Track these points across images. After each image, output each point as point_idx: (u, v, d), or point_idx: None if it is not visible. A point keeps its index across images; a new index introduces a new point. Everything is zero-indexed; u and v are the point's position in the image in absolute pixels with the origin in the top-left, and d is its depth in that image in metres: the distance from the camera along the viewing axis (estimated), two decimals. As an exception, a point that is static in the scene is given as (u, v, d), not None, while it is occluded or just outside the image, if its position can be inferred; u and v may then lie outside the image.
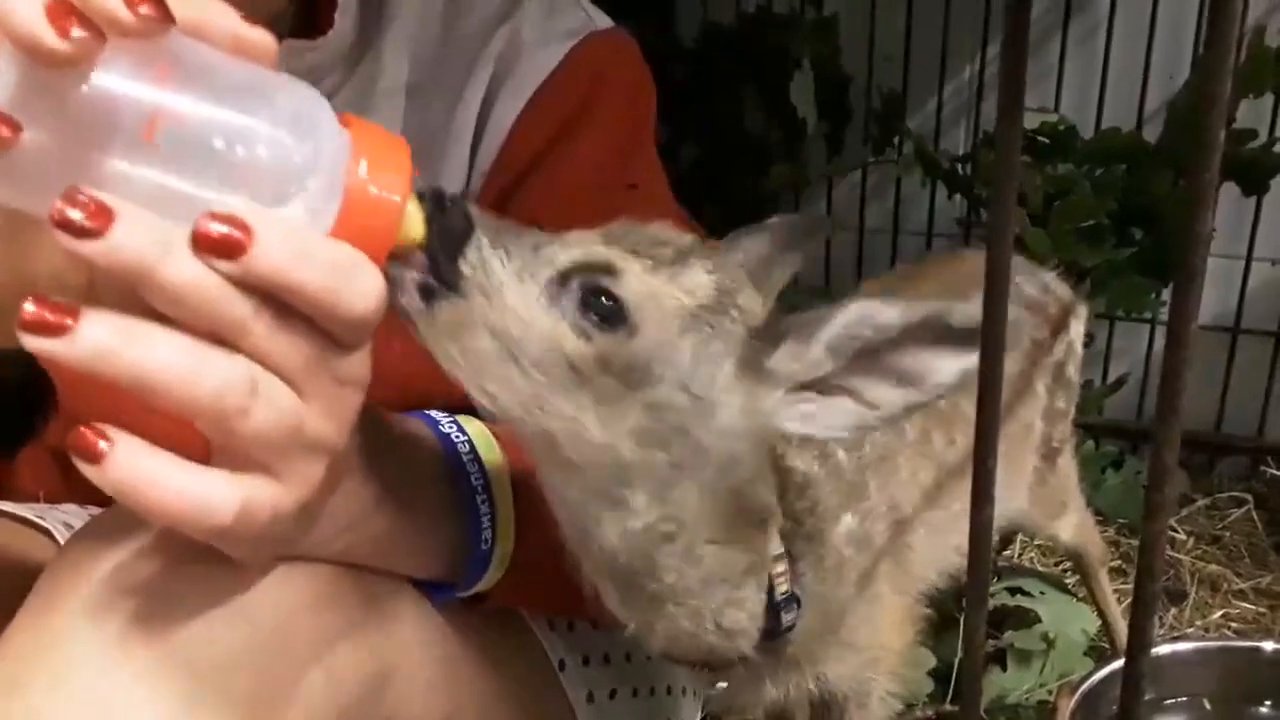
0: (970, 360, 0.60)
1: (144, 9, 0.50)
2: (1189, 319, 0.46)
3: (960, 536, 1.00)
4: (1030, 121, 1.88)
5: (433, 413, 0.83)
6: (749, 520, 0.74)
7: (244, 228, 0.53)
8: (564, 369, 0.64)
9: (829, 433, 0.68)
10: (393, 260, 0.60)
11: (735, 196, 2.20)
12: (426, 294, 0.63)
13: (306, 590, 0.71)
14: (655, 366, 0.65)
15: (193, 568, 0.67)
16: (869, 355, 0.65)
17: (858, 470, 0.88)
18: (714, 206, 2.04)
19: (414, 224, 0.61)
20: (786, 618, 0.78)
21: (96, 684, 0.63)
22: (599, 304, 0.65)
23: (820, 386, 0.67)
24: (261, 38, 0.56)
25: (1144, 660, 0.54)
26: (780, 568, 0.77)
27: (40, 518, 0.93)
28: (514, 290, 0.64)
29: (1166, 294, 2.01)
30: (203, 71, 0.54)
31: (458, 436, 0.81)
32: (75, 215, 0.50)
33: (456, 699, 0.86)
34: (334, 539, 0.71)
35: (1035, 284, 1.27)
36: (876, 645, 0.89)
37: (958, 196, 2.12)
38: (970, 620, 0.57)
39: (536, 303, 0.64)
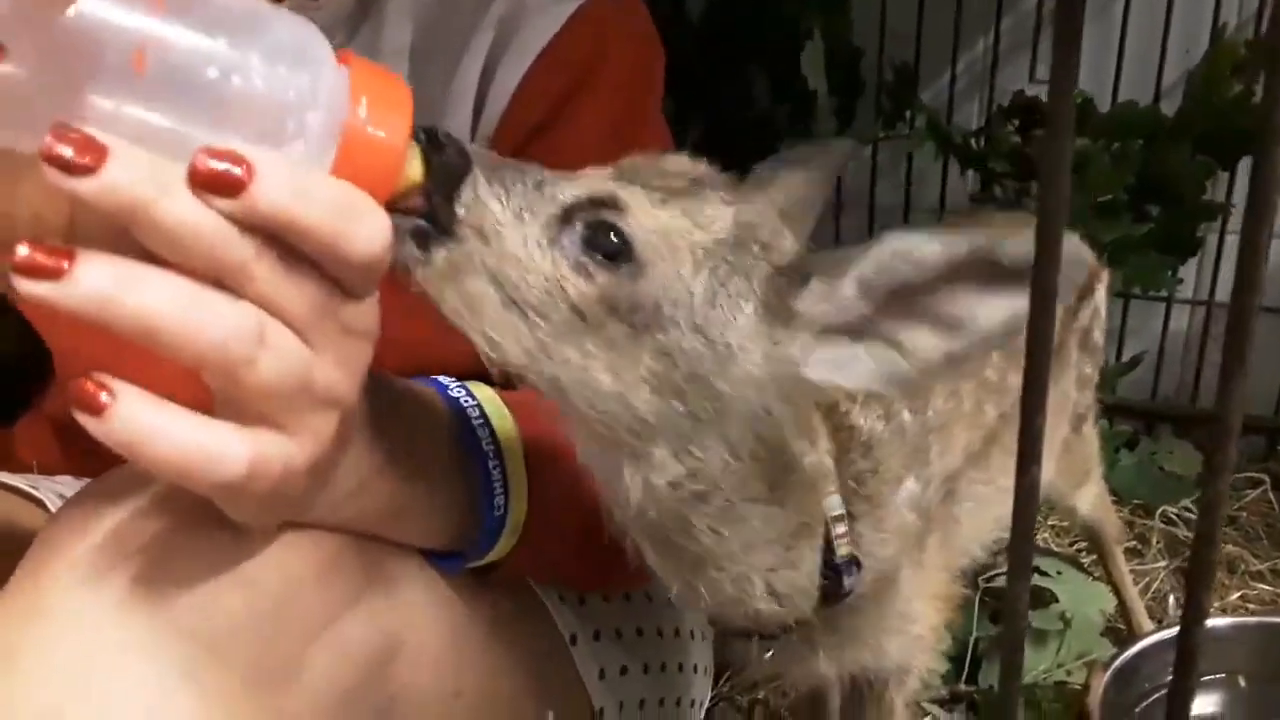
0: (1020, 304, 0.53)
1: None
2: (1259, 254, 0.43)
3: (1001, 508, 0.98)
4: (1046, 95, 1.84)
5: (441, 378, 0.81)
6: (794, 480, 0.69)
7: (243, 164, 0.50)
8: (568, 313, 0.60)
9: (860, 383, 0.61)
10: (388, 207, 0.58)
11: (744, 172, 2.16)
12: (422, 240, 0.60)
13: (311, 560, 0.69)
14: (665, 308, 0.61)
15: (191, 535, 0.64)
16: (906, 296, 0.59)
17: (921, 433, 0.84)
18: (723, 181, 2.01)
19: (413, 167, 0.58)
20: (848, 580, 0.73)
21: (89, 652, 0.61)
22: (603, 241, 0.61)
23: (852, 331, 0.61)
24: None
25: (1198, 632, 0.51)
26: (841, 529, 0.73)
27: (34, 488, 0.91)
28: (512, 231, 0.60)
29: (1183, 271, 1.98)
30: (197, 1, 0.51)
31: (467, 401, 0.79)
32: (66, 151, 0.47)
33: (465, 673, 0.84)
34: (343, 504, 0.68)
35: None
36: (924, 619, 0.86)
37: (971, 172, 2.08)
38: (1014, 588, 0.54)
39: (536, 243, 0.61)
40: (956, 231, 0.57)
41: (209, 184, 0.50)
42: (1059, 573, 1.55)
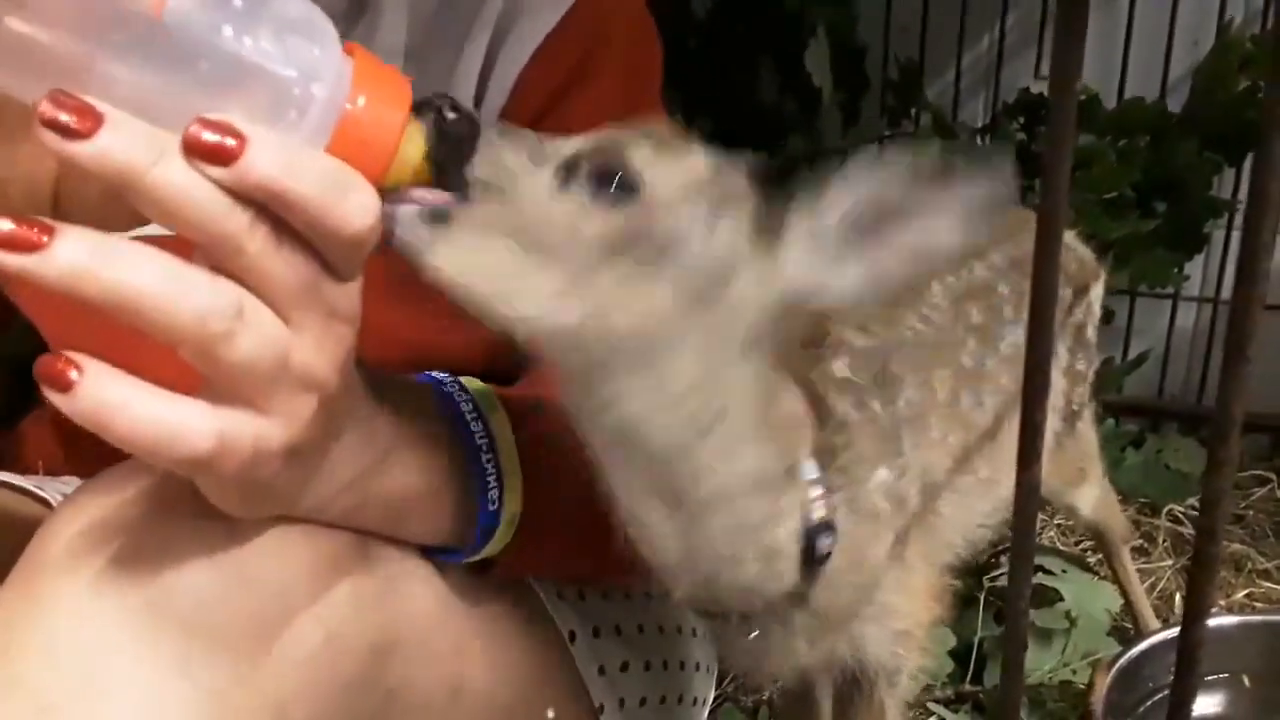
0: (975, 189, 0.64)
1: None
2: (1259, 249, 0.43)
3: (985, 503, 0.98)
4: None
5: (434, 373, 0.81)
6: (779, 415, 0.74)
7: (236, 135, 0.51)
8: (586, 252, 0.63)
9: (847, 289, 0.67)
10: (389, 197, 0.59)
11: (749, 168, 2.15)
12: (434, 218, 0.61)
13: (307, 556, 0.69)
14: (674, 236, 0.65)
15: (187, 530, 0.64)
16: (869, 221, 0.66)
17: (892, 423, 0.86)
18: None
19: (412, 151, 0.59)
20: (823, 542, 0.76)
21: (85, 647, 0.61)
22: (608, 180, 0.64)
23: (832, 250, 0.67)
24: None
25: (1201, 628, 0.51)
26: (815, 492, 0.76)
27: (39, 488, 0.91)
28: (527, 180, 0.63)
29: (1189, 268, 1.97)
30: None
31: (460, 395, 0.78)
32: (62, 116, 0.48)
33: (464, 672, 0.83)
34: (335, 498, 0.68)
35: None
36: (909, 616, 0.86)
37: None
38: (1015, 585, 0.53)
39: (549, 189, 0.64)
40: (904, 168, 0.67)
41: (202, 153, 0.50)
42: (1064, 571, 1.54)
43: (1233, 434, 0.45)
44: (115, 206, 0.54)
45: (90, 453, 0.52)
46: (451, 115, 0.61)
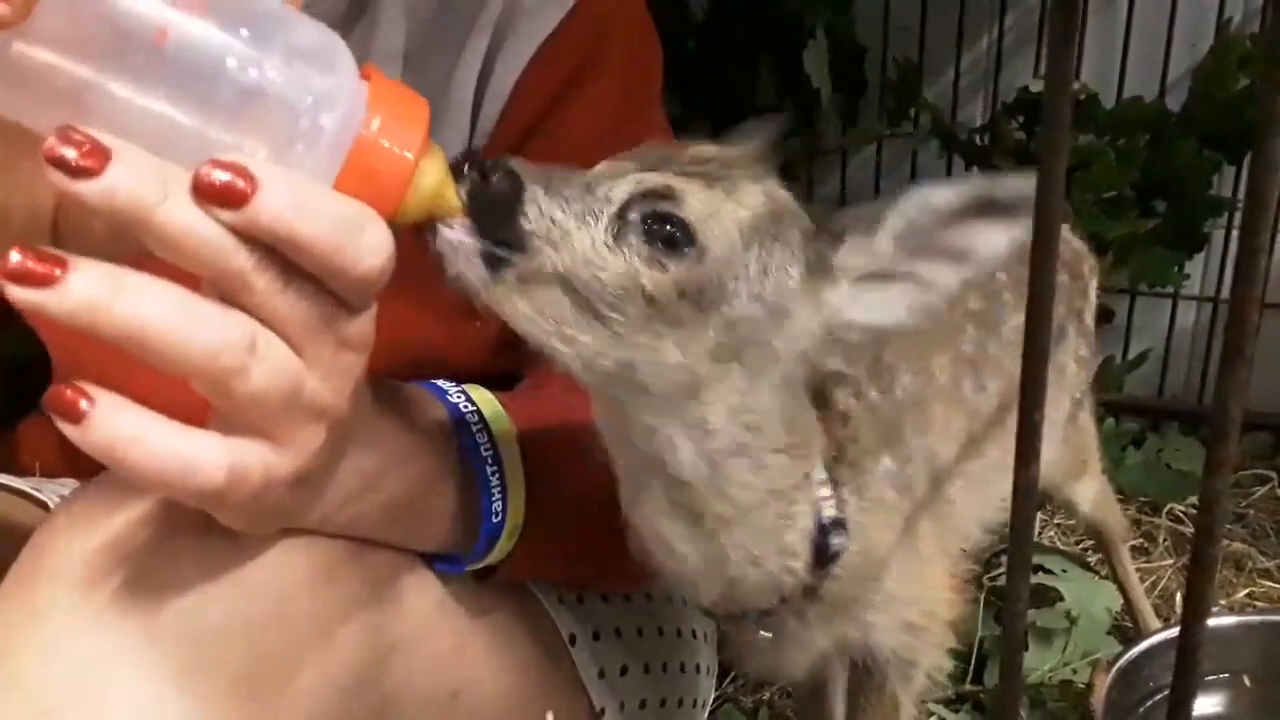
0: (1017, 229, 0.64)
1: None
2: (1257, 250, 0.43)
3: (1000, 486, 0.98)
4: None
5: (439, 382, 0.81)
6: (805, 422, 0.75)
7: (247, 176, 0.50)
8: (640, 304, 0.64)
9: (895, 317, 0.69)
10: (432, 230, 0.59)
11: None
12: (491, 261, 0.62)
13: (305, 566, 0.69)
14: (728, 284, 0.66)
15: (187, 539, 0.64)
16: (924, 238, 0.68)
17: (892, 411, 0.87)
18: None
19: (432, 173, 0.58)
20: (835, 541, 0.77)
21: (83, 656, 0.61)
22: (664, 230, 0.64)
23: (883, 275, 0.69)
24: None
25: (1200, 629, 0.51)
26: (825, 492, 0.77)
27: (37, 490, 0.91)
28: (580, 236, 0.63)
29: (1190, 267, 1.97)
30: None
31: (465, 405, 0.78)
32: (69, 153, 0.48)
33: (463, 675, 0.83)
34: (340, 510, 0.68)
35: None
36: (922, 605, 0.86)
37: (975, 169, 2.07)
38: (1013, 585, 0.53)
39: (604, 243, 0.64)
40: (953, 181, 0.68)
41: (212, 195, 0.50)
42: (1064, 570, 1.54)
43: (1231, 435, 0.45)
44: (119, 233, 0.53)
45: (89, 457, 0.52)
46: (489, 172, 0.61)
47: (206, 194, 0.50)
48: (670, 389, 0.67)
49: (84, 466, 0.96)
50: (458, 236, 0.61)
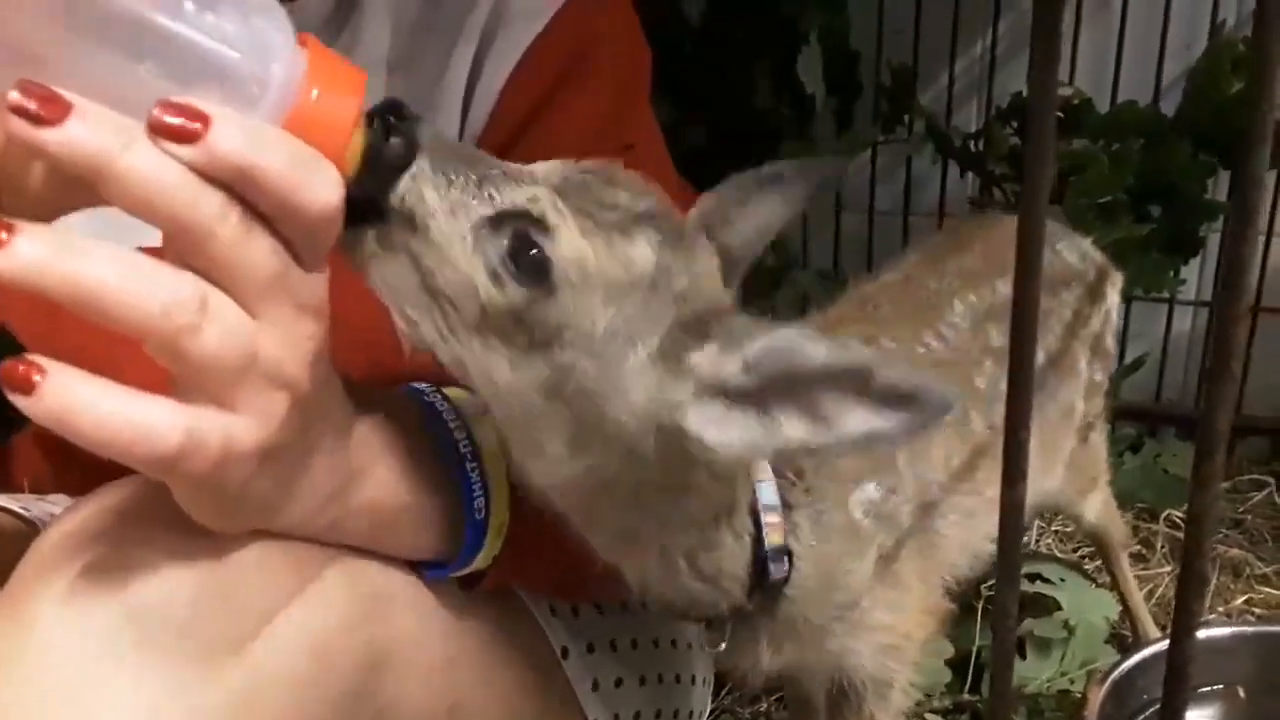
0: (880, 424, 0.58)
1: None
2: (1243, 264, 0.42)
3: (993, 524, 0.97)
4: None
5: (416, 384, 0.81)
6: (698, 475, 0.71)
7: (199, 115, 0.51)
8: (477, 311, 0.63)
9: (725, 443, 0.64)
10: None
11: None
12: (353, 218, 0.61)
13: (290, 571, 0.68)
14: (566, 332, 0.64)
15: (175, 553, 0.64)
16: (787, 382, 0.62)
17: None
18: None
19: (358, 145, 0.59)
20: (775, 568, 0.76)
21: (75, 669, 0.60)
22: (525, 256, 0.63)
23: (732, 396, 0.64)
24: None
25: (1189, 644, 0.50)
26: (773, 518, 0.75)
27: (25, 509, 0.90)
28: (443, 224, 0.63)
29: (1185, 272, 1.96)
30: None
31: (442, 406, 0.78)
32: (30, 104, 0.49)
33: (457, 688, 0.83)
34: (317, 511, 0.68)
35: (1074, 251, 1.23)
36: (898, 632, 0.86)
37: (970, 175, 2.07)
38: (1001, 600, 0.53)
39: (461, 241, 0.63)
40: (847, 344, 0.62)
41: (168, 134, 0.51)
42: (1062, 579, 1.53)
43: (1218, 449, 0.45)
44: (58, 196, 0.54)
45: (78, 470, 0.52)
46: (394, 140, 0.61)
47: (162, 132, 0.51)
48: (506, 408, 0.67)
49: (74, 482, 0.96)
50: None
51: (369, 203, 0.62)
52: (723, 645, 0.82)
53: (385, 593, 0.76)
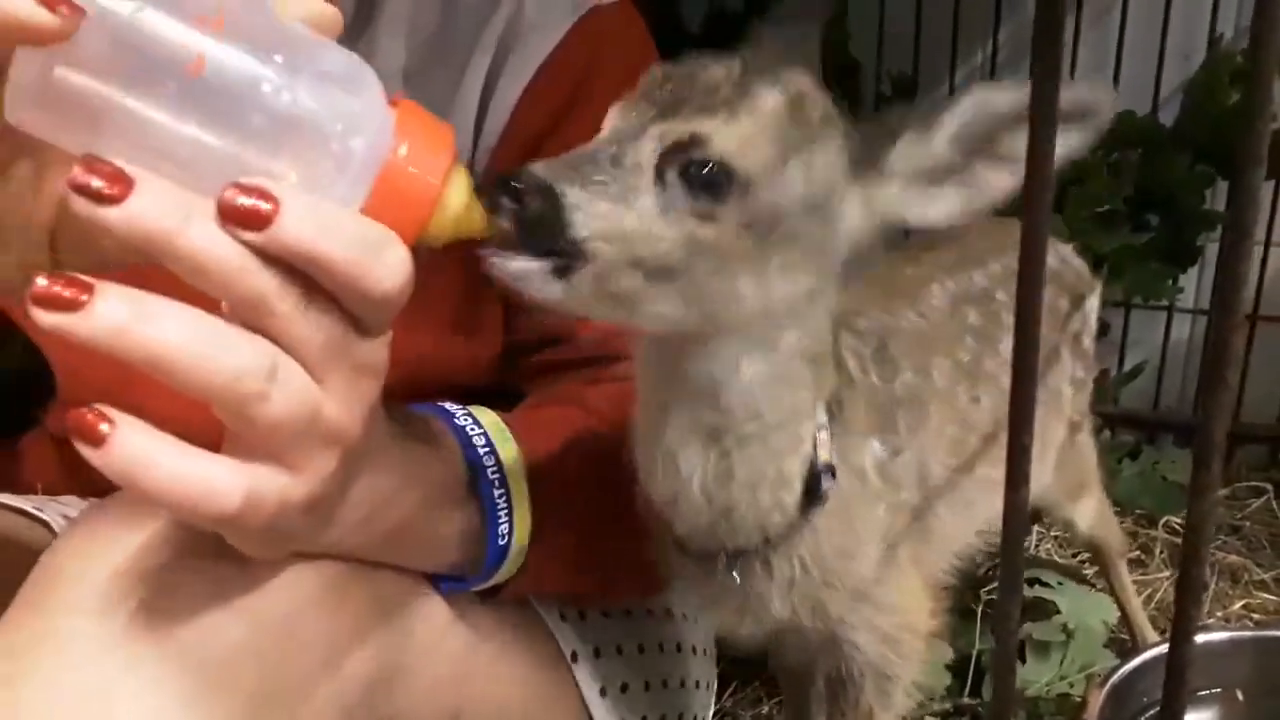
0: (1073, 137, 0.63)
1: None
2: (1238, 278, 0.43)
3: (985, 508, 0.98)
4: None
5: (447, 405, 0.81)
6: (826, 356, 0.76)
7: (270, 198, 0.51)
8: (707, 257, 0.65)
9: (945, 216, 0.69)
10: (489, 260, 0.61)
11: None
12: (561, 273, 0.62)
13: (315, 589, 0.69)
14: (780, 204, 0.66)
15: (196, 562, 0.65)
16: (981, 139, 0.67)
17: (889, 400, 0.88)
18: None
19: (456, 198, 0.59)
20: (825, 483, 0.77)
21: (94, 680, 0.61)
22: (703, 177, 0.64)
23: (936, 174, 0.69)
24: (329, 10, 0.55)
25: (1188, 649, 0.52)
26: (824, 435, 0.77)
27: (39, 509, 0.91)
28: (630, 218, 0.63)
29: (1184, 280, 1.98)
30: (257, 24, 0.53)
31: (473, 428, 0.79)
32: (93, 181, 0.49)
33: (466, 694, 0.84)
34: (350, 534, 0.69)
35: (1054, 255, 1.25)
36: (898, 616, 0.86)
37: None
38: (1003, 605, 0.54)
39: (652, 216, 0.63)
40: (1017, 84, 0.66)
41: (236, 217, 0.51)
42: (1060, 584, 1.54)
43: (1215, 458, 0.46)
44: (124, 254, 0.54)
45: (92, 474, 0.52)
46: (523, 193, 0.61)
47: (230, 216, 0.51)
48: (750, 318, 0.68)
49: (87, 483, 0.97)
50: (519, 264, 0.61)
51: (558, 254, 0.62)
52: (736, 579, 0.81)
53: (402, 602, 0.78)
